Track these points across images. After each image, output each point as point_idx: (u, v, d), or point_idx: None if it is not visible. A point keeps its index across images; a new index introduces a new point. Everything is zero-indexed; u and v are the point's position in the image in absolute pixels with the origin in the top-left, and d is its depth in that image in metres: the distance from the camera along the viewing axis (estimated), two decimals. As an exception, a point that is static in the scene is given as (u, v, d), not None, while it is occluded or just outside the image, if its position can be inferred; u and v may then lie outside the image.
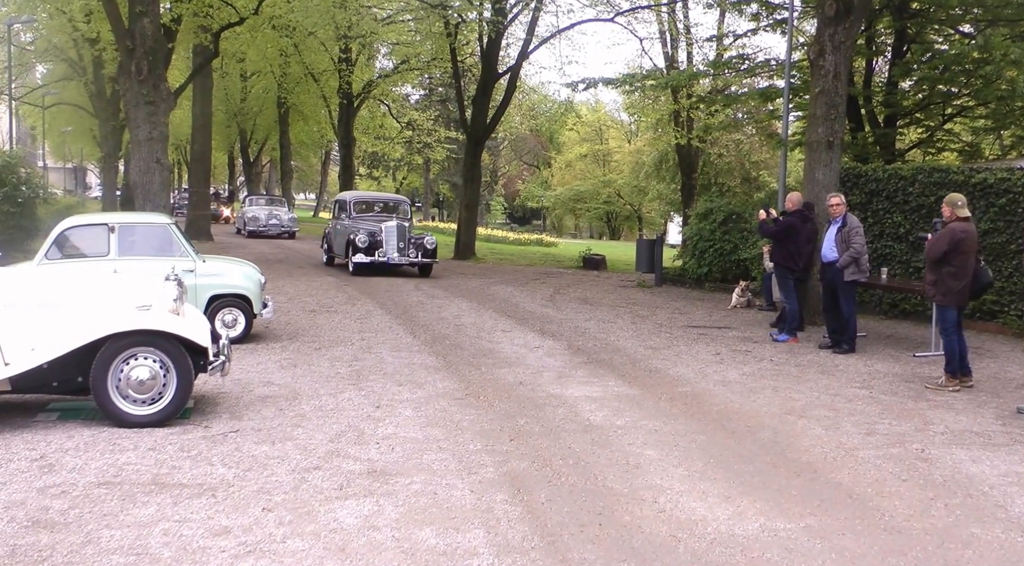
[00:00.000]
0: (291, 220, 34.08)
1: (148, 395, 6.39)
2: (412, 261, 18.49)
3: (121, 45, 15.07)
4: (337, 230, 20.26)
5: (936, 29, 18.28)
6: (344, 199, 21.01)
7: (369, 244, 18.15)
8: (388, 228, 18.38)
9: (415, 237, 18.90)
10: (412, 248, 18.48)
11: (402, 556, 4.25)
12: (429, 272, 18.91)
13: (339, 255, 19.84)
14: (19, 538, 4.35)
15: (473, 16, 24.80)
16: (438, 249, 20.50)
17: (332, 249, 20.68)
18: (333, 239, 20.57)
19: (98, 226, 9.85)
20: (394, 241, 18.23)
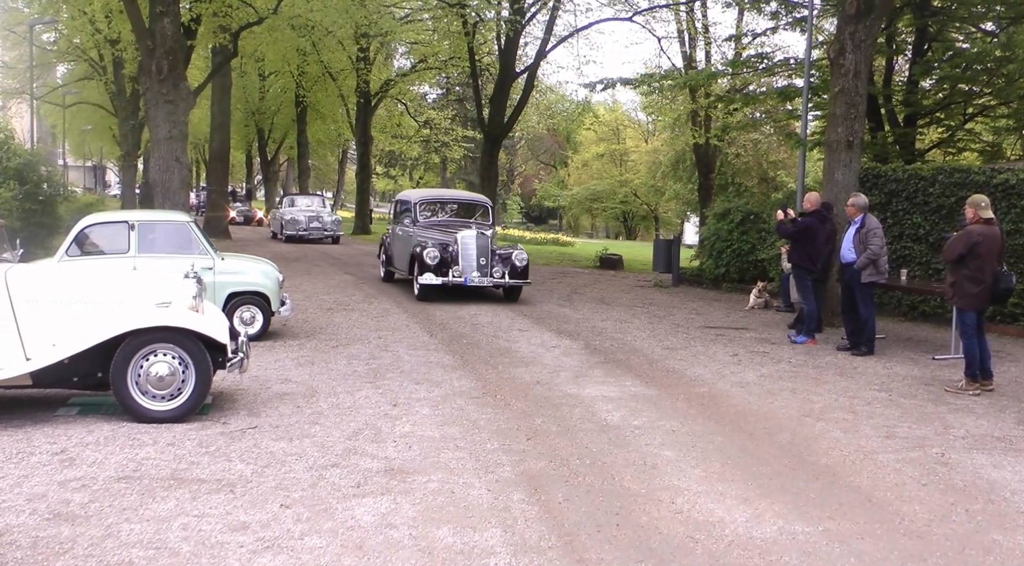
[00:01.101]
0: (335, 223, 30.26)
1: (167, 391, 6.44)
2: (497, 282, 14.20)
3: (142, 45, 15.19)
4: (399, 238, 16.17)
5: (958, 27, 18.11)
6: (408, 199, 16.58)
7: (440, 260, 13.94)
8: (465, 239, 14.10)
9: (500, 250, 14.54)
10: (497, 265, 14.20)
11: (419, 554, 4.26)
12: (518, 296, 14.70)
13: (401, 271, 15.91)
14: (41, 530, 4.40)
15: (491, 15, 24.83)
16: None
17: (392, 262, 16.65)
18: (393, 250, 16.57)
19: (118, 224, 9.93)
20: (473, 256, 13.99)
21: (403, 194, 17.86)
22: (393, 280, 16.85)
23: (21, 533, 4.35)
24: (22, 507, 4.70)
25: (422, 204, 16.18)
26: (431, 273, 13.79)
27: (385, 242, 17.38)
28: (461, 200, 17.63)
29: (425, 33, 30.99)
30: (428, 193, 17.65)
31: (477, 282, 13.93)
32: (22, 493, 4.91)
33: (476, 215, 16.39)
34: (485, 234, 14.43)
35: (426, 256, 13.84)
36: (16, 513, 4.61)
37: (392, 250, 16.63)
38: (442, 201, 17.28)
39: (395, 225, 16.73)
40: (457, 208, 16.85)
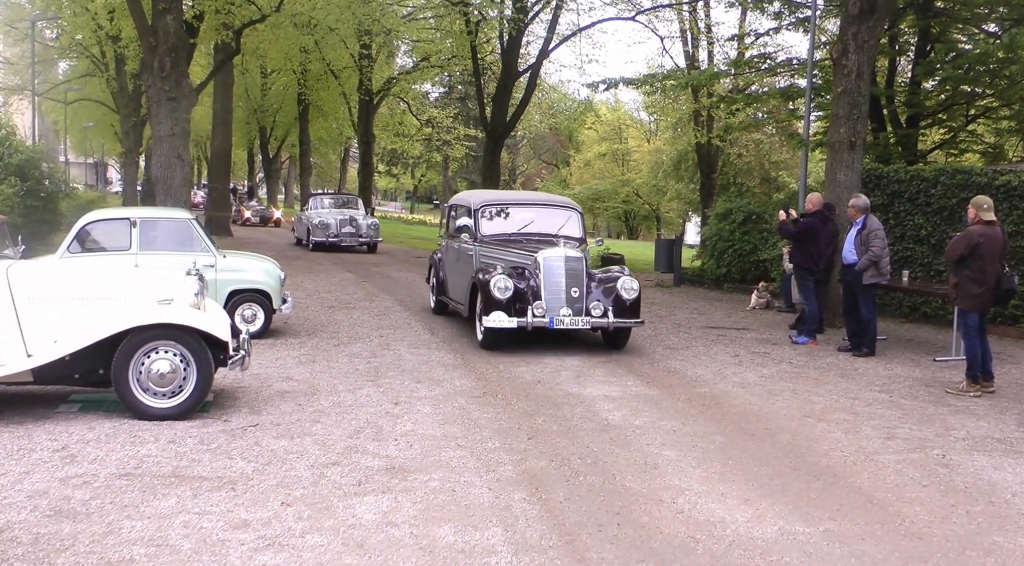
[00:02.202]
0: (372, 227, 25.25)
1: (168, 388, 6.45)
2: (596, 324, 9.86)
3: (144, 42, 15.18)
4: (455, 258, 11.94)
5: (960, 28, 18.11)
6: (467, 204, 11.96)
7: (515, 293, 9.75)
8: (550, 262, 9.92)
9: (599, 275, 10.29)
10: (596, 298, 9.92)
11: (420, 553, 4.26)
12: (625, 342, 10.35)
13: (458, 303, 11.46)
14: (42, 527, 4.40)
15: (494, 14, 24.84)
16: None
17: (446, 289, 12.33)
18: (448, 273, 12.33)
19: (120, 220, 9.95)
20: (562, 286, 9.82)
21: (460, 197, 12.97)
22: (447, 312, 12.43)
23: (22, 530, 4.36)
24: (23, 504, 4.71)
25: (486, 210, 11.47)
26: (501, 311, 9.54)
27: (436, 262, 12.79)
28: (540, 204, 12.43)
29: (428, 31, 30.97)
30: (494, 196, 12.67)
31: (568, 324, 9.61)
32: (23, 490, 4.92)
33: (560, 226, 11.52)
34: (577, 255, 9.99)
35: (494, 287, 9.58)
36: (17, 510, 4.62)
37: (446, 273, 12.33)
38: (514, 206, 12.07)
39: (449, 240, 12.38)
40: (535, 216, 11.79)
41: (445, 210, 13.53)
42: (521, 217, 11.63)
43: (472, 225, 11.30)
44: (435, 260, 12.94)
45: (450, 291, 12.05)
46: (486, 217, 11.44)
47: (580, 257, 10.01)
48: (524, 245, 10.72)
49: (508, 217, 11.71)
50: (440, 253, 12.90)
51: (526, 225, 11.48)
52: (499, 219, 11.58)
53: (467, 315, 10.68)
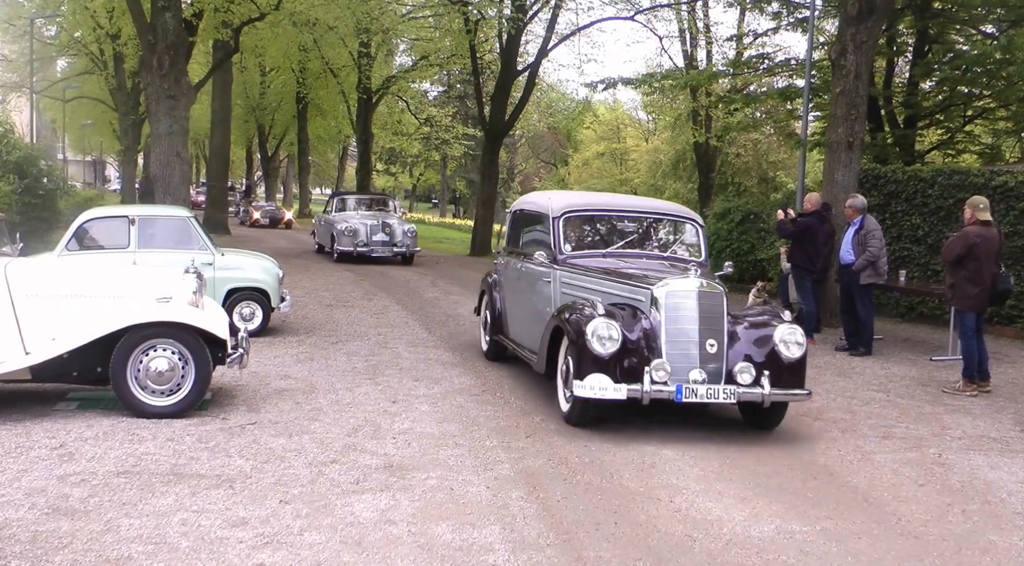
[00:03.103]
0: (409, 234, 20.91)
1: (167, 386, 6.45)
2: (746, 396, 6.51)
3: (143, 39, 15.18)
4: (523, 285, 8.67)
5: (958, 29, 18.13)
6: (542, 208, 8.60)
7: (623, 345, 6.55)
8: (676, 300, 6.68)
9: (745, 320, 7.03)
10: (742, 356, 6.65)
11: (418, 551, 4.27)
12: (778, 422, 6.97)
13: (526, 350, 8.20)
14: (40, 525, 4.40)
15: (493, 13, 24.82)
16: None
17: (506, 327, 9.04)
18: (510, 305, 9.09)
19: (118, 218, 9.94)
20: (693, 337, 6.61)
21: (529, 200, 9.50)
22: (507, 357, 9.15)
23: (20, 527, 4.36)
24: (21, 501, 4.71)
25: (571, 220, 8.26)
26: (603, 374, 6.37)
27: (491, 287, 9.48)
28: (646, 213, 8.73)
29: (427, 30, 30.94)
30: (581, 199, 9.12)
31: (705, 396, 6.38)
32: (21, 487, 4.92)
33: (675, 244, 8.51)
34: (715, 289, 6.71)
35: (592, 336, 6.42)
36: (15, 507, 4.62)
37: (506, 304, 9.10)
38: (611, 214, 8.67)
39: (511, 258, 9.17)
40: (640, 229, 8.52)
41: (506, 217, 9.77)
42: (621, 230, 8.41)
43: (550, 240, 7.96)
44: (489, 284, 9.50)
45: (512, 330, 8.74)
46: (571, 229, 8.17)
47: (719, 292, 6.65)
48: (629, 273, 7.27)
49: (603, 230, 8.46)
50: (497, 275, 9.45)
51: (628, 241, 8.27)
52: (590, 232, 8.45)
53: (543, 371, 7.28)
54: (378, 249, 20.43)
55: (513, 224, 9.53)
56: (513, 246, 9.34)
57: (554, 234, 7.98)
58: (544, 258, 7.85)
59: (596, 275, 7.42)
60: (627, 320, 6.64)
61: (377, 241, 20.50)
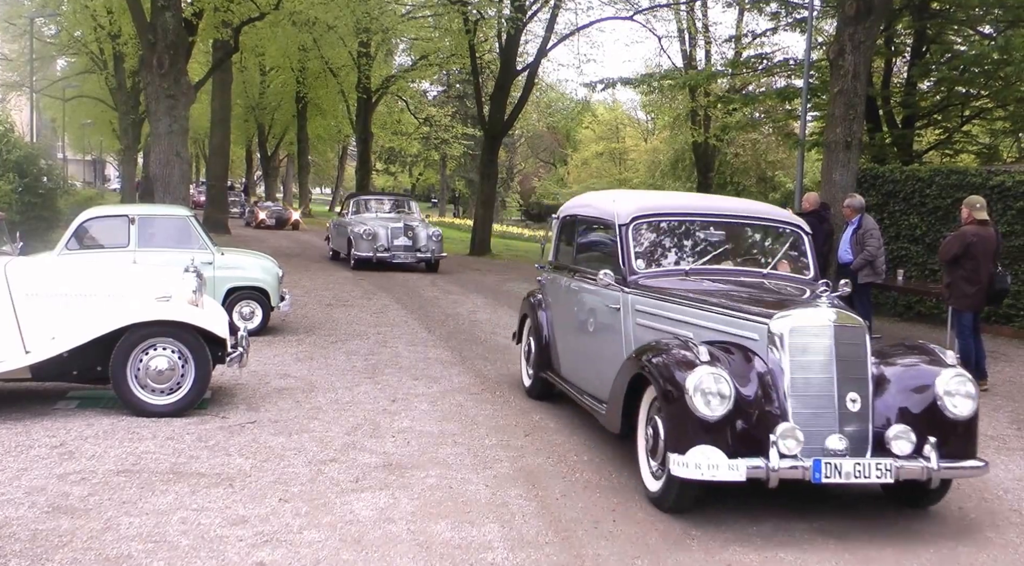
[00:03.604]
0: (434, 238, 18.80)
1: (166, 385, 6.47)
2: (907, 472, 4.69)
3: (143, 39, 15.19)
4: (577, 306, 6.87)
5: (956, 30, 18.18)
6: (605, 214, 6.68)
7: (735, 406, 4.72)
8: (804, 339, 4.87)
9: (895, 363, 5.17)
10: (893, 413, 4.89)
11: (417, 549, 4.28)
12: (939, 498, 5.15)
13: (587, 396, 6.39)
14: (40, 523, 4.42)
15: (492, 13, 24.82)
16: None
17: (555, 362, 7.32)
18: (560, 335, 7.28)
19: (118, 218, 9.96)
20: (830, 389, 4.79)
21: (584, 204, 7.54)
22: (553, 395, 7.44)
23: (20, 526, 4.37)
24: (21, 500, 4.72)
25: (645, 228, 6.46)
26: (712, 445, 4.66)
27: (534, 308, 7.72)
28: (738, 219, 6.83)
29: (426, 30, 30.96)
30: (655, 201, 7.14)
31: (852, 475, 4.66)
32: (21, 486, 4.93)
33: (775, 254, 6.63)
34: (855, 322, 5.04)
35: (695, 392, 4.69)
36: (15, 506, 4.63)
37: (554, 333, 7.33)
38: (694, 219, 6.68)
39: (561, 275, 7.38)
40: (729, 239, 6.71)
41: (551, 223, 7.98)
42: (707, 240, 6.49)
43: (617, 254, 6.16)
44: (532, 306, 7.69)
45: (565, 366, 6.98)
46: (644, 240, 6.33)
47: (860, 327, 4.98)
48: (734, 298, 5.49)
49: (684, 240, 6.56)
50: (542, 295, 7.68)
51: (716, 254, 6.43)
52: (668, 244, 6.53)
53: (617, 430, 5.48)
54: (400, 255, 18.35)
55: (563, 233, 7.63)
56: (564, 260, 7.48)
57: (622, 246, 6.09)
58: (610, 278, 6.02)
59: (686, 301, 5.49)
60: (738, 367, 4.82)
61: (399, 246, 18.40)
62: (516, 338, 8.21)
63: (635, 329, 5.80)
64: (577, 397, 6.55)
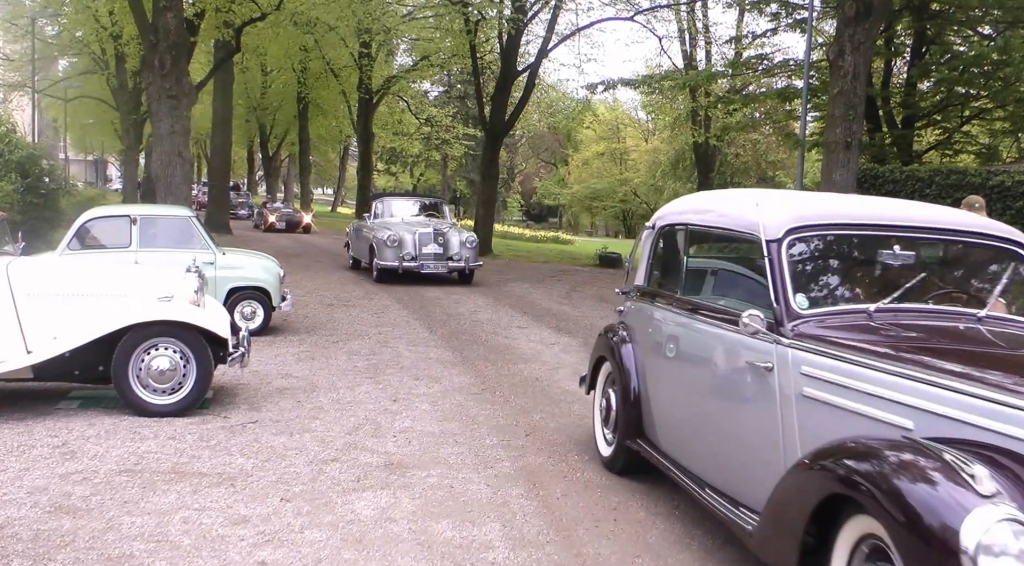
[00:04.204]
0: (468, 245, 16.53)
1: (168, 385, 6.48)
2: None
3: (144, 39, 15.23)
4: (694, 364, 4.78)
5: (955, 30, 18.22)
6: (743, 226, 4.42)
7: None
8: None
9: None
10: None
11: (418, 548, 4.30)
12: None
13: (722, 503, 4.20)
14: (42, 523, 4.43)
15: (493, 13, 24.85)
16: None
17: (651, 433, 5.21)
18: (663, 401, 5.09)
19: (120, 218, 9.97)
20: None
21: (703, 208, 5.27)
22: (648, 471, 5.35)
23: (22, 526, 4.38)
24: (23, 500, 4.73)
25: (805, 247, 4.30)
26: None
27: (616, 348, 5.63)
28: (943, 234, 4.43)
29: (427, 30, 31.01)
30: (816, 208, 4.62)
31: None
32: (23, 486, 4.94)
33: (1001, 282, 4.29)
34: None
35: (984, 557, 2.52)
36: (17, 506, 4.64)
37: (653, 390, 5.23)
38: (877, 234, 4.32)
39: (658, 305, 5.32)
40: (934, 265, 4.58)
41: (642, 237, 5.81)
42: (894, 266, 4.32)
43: (768, 284, 4.13)
44: (613, 346, 5.68)
45: (668, 438, 5.03)
46: (809, 265, 4.44)
47: None
48: (977, 363, 3.37)
49: (866, 268, 4.58)
50: (627, 332, 5.65)
51: (911, 288, 4.18)
52: (843, 271, 4.61)
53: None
54: (429, 264, 16.12)
55: (663, 248, 5.58)
56: (664, 286, 5.40)
57: (775, 274, 4.07)
58: (758, 322, 3.95)
59: (899, 366, 3.42)
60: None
61: (428, 254, 16.14)
62: (586, 385, 6.22)
63: (800, 404, 3.75)
64: (690, 486, 4.56)
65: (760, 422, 4.01)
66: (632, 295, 5.79)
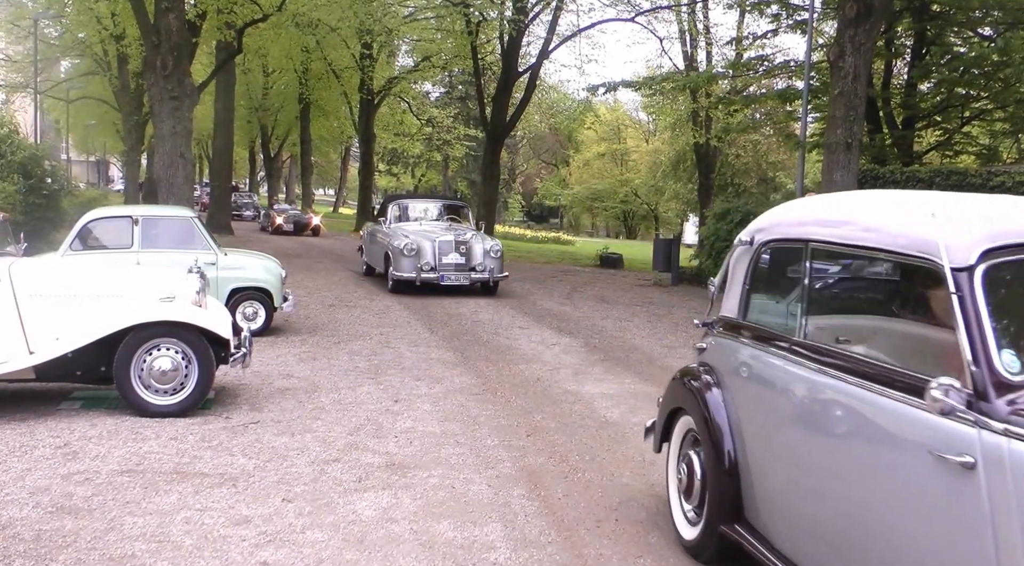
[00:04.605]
0: (492, 254, 15.18)
1: (170, 385, 6.49)
2: None
3: (147, 40, 15.26)
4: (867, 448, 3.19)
5: (956, 31, 18.24)
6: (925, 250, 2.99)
7: None
8: None
9: None
10: None
11: (420, 548, 4.30)
12: None
13: None
14: (44, 523, 4.43)
15: (494, 15, 24.89)
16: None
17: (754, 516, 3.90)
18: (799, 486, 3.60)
19: (122, 218, 9.99)
20: None
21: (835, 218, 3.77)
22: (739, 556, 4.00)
23: (24, 526, 4.38)
24: (25, 500, 4.73)
25: (1008, 272, 2.90)
26: None
27: (699, 395, 4.37)
28: None
29: (429, 31, 31.04)
30: (1017, 220, 3.09)
31: None
32: (25, 486, 4.95)
33: None
34: None
35: None
36: (19, 506, 4.65)
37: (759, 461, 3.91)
38: None
39: (756, 346, 4.07)
40: None
41: (733, 254, 4.60)
42: None
43: (964, 334, 2.77)
44: (695, 392, 4.44)
45: (788, 529, 3.67)
46: (1019, 308, 3.04)
47: None
48: None
49: None
50: (714, 377, 4.41)
51: None
52: None
53: None
54: (450, 275, 14.67)
55: (767, 270, 4.33)
56: (775, 324, 4.12)
57: (966, 316, 2.82)
58: (957, 397, 2.72)
59: None
60: None
61: (449, 264, 14.72)
62: (655, 440, 4.89)
63: None
64: None
65: (954, 539, 2.73)
66: (718, 329, 4.55)
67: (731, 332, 4.36)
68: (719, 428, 4.14)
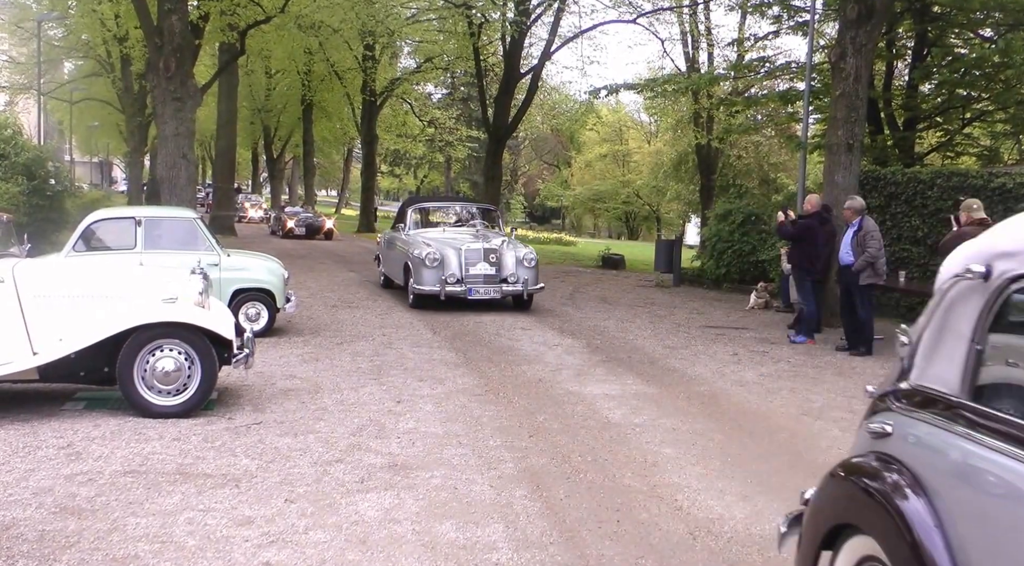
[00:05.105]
0: (526, 263, 13.35)
1: (173, 386, 6.51)
2: None
3: (150, 42, 15.29)
4: None
5: (957, 33, 18.22)
6: None
7: None
8: None
9: None
10: None
11: (422, 549, 4.32)
12: None
13: None
14: (47, 524, 4.45)
15: (496, 16, 24.93)
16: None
17: None
18: None
19: (125, 219, 10.02)
20: None
21: None
22: None
23: (27, 526, 4.40)
24: (28, 501, 4.75)
25: None
26: None
27: (891, 501, 2.66)
28: None
29: (431, 33, 31.08)
30: None
31: None
32: (28, 487, 4.96)
33: None
34: None
35: None
36: (23, 507, 4.66)
37: None
38: None
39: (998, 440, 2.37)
40: None
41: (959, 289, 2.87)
42: None
43: None
44: (876, 506, 2.75)
45: None
46: None
47: None
48: None
49: None
50: (902, 479, 2.72)
51: None
52: None
53: None
54: (479, 288, 12.95)
55: (1015, 320, 2.64)
56: None
57: None
58: None
59: None
60: None
61: (477, 276, 13.02)
62: (799, 560, 3.30)
63: None
64: None
65: None
66: (902, 401, 3.04)
67: (944, 413, 2.74)
68: (933, 562, 2.48)
